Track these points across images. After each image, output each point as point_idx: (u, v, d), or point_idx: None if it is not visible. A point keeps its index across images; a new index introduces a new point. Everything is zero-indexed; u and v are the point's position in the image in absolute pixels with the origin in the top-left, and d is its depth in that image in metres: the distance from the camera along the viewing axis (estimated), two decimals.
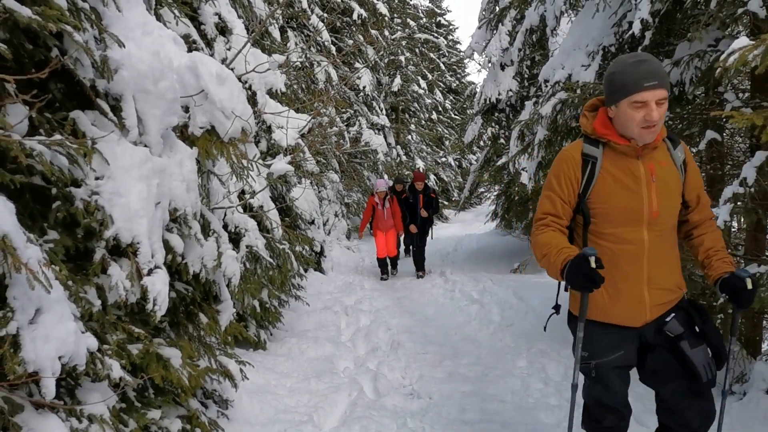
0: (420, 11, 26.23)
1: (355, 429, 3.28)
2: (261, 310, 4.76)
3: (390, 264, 9.43)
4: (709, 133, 3.85)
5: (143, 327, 2.40)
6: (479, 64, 23.22)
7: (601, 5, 4.59)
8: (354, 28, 13.99)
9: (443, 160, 24.48)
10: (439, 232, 11.22)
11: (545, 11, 7.00)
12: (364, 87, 13.53)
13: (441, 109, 25.85)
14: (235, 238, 4.17)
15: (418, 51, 22.74)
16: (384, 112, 16.26)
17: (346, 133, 12.61)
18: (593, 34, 4.91)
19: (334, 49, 12.58)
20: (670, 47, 4.33)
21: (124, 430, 2.23)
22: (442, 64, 27.07)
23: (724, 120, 3.86)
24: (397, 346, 5.14)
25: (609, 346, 2.12)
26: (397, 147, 18.68)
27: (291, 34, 11.08)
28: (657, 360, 2.11)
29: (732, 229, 4.17)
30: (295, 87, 8.56)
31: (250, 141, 2.98)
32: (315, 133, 9.10)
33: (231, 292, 3.21)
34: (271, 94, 5.59)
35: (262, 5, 6.32)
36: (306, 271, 7.23)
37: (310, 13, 11.67)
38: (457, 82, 31.34)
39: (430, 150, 23.02)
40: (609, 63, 4.77)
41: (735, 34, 3.78)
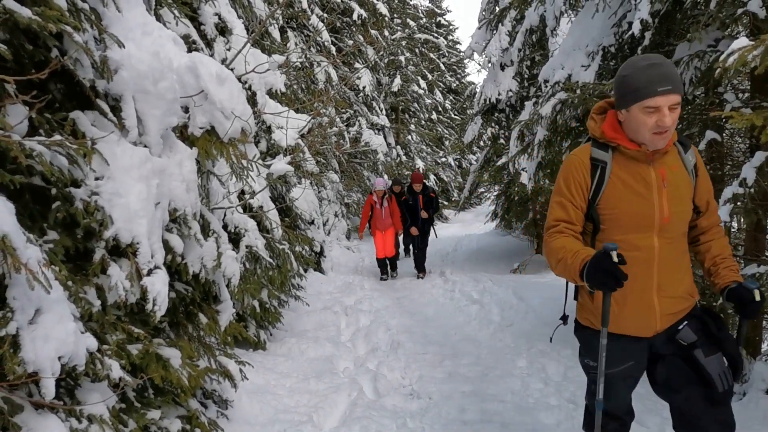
0: (420, 11, 26.26)
1: (355, 429, 3.28)
2: (261, 310, 4.76)
3: (389, 265, 9.36)
4: (709, 134, 3.85)
5: (143, 327, 2.40)
6: (479, 65, 23.25)
7: (600, 5, 4.59)
8: (354, 29, 13.99)
9: (443, 160, 24.50)
10: (440, 232, 11.22)
11: (545, 11, 7.00)
12: (364, 87, 13.54)
13: (441, 109, 25.87)
14: (234, 239, 4.18)
15: (418, 51, 22.76)
16: (384, 113, 16.27)
17: (346, 133, 12.62)
18: (593, 34, 4.91)
19: (334, 49, 12.58)
20: (670, 47, 4.33)
21: (123, 430, 2.23)
22: (442, 65, 27.09)
23: (724, 120, 3.86)
24: (397, 346, 5.14)
25: (618, 357, 2.03)
26: (397, 147, 18.70)
27: (291, 34, 11.08)
28: (669, 370, 2.03)
29: (732, 229, 4.18)
30: (295, 87, 8.56)
31: (249, 141, 2.98)
32: (315, 133, 9.11)
33: (231, 293, 3.21)
34: (271, 95, 5.59)
35: (262, 5, 6.33)
36: (306, 271, 7.23)
37: (310, 14, 11.67)
38: (457, 83, 31.36)
39: (430, 150, 23.04)
40: (609, 63, 4.77)
41: (735, 34, 3.78)
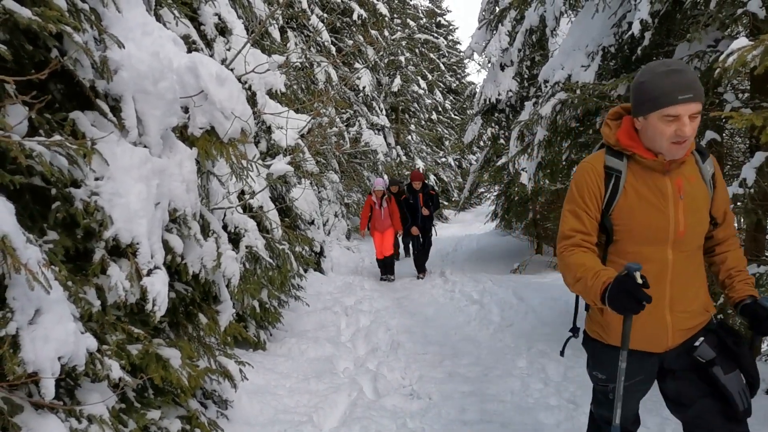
0: (420, 11, 26.29)
1: (355, 429, 3.28)
2: (261, 311, 4.76)
3: (386, 267, 9.20)
4: (709, 134, 3.85)
5: (143, 327, 2.40)
6: (479, 65, 23.27)
7: (600, 6, 4.59)
8: (354, 29, 13.99)
9: (443, 160, 24.53)
10: (440, 232, 11.22)
11: (545, 12, 7.01)
12: (364, 87, 13.54)
13: (441, 109, 25.89)
14: (234, 239, 4.18)
15: (418, 51, 22.77)
16: (384, 113, 16.27)
17: (345, 133, 12.62)
18: (593, 34, 4.91)
19: (334, 49, 12.58)
20: (670, 48, 4.33)
21: (123, 430, 2.23)
22: (442, 65, 27.11)
23: (724, 120, 3.86)
24: (397, 346, 5.14)
25: (628, 371, 1.93)
26: (397, 147, 18.71)
27: (291, 34, 11.09)
28: (680, 385, 1.95)
29: None
30: (294, 87, 8.57)
31: (249, 141, 2.99)
32: (315, 134, 9.10)
33: (230, 293, 3.21)
34: (271, 95, 5.60)
35: (262, 5, 6.33)
36: (306, 271, 7.23)
37: (310, 14, 11.68)
38: (457, 83, 31.38)
39: (430, 150, 23.06)
40: (608, 63, 4.77)
41: (734, 34, 3.78)
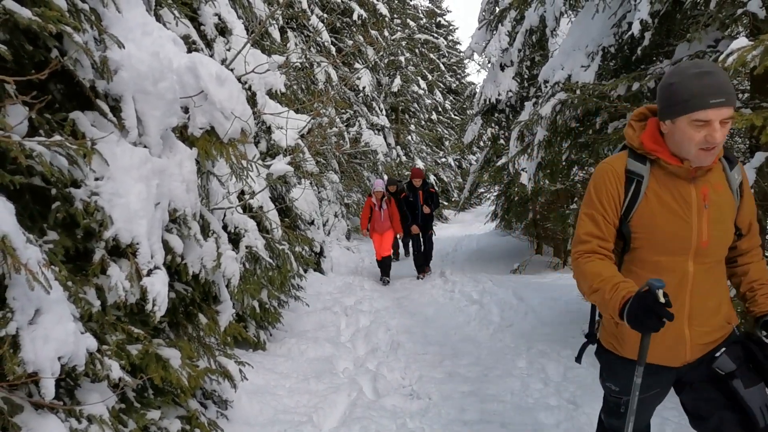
0: (420, 12, 26.29)
1: (355, 429, 3.28)
2: (260, 311, 4.76)
3: (384, 269, 9.11)
4: None
5: (143, 327, 2.40)
6: (479, 65, 23.29)
7: (600, 6, 4.59)
8: (354, 29, 13.99)
9: (443, 160, 24.53)
10: (440, 232, 11.22)
11: (545, 12, 7.01)
12: (364, 87, 13.54)
13: (441, 109, 25.90)
14: (234, 239, 4.18)
15: (417, 51, 22.77)
16: (384, 113, 16.27)
17: (345, 133, 12.61)
18: (593, 34, 4.92)
19: (333, 49, 12.58)
20: (670, 48, 4.33)
21: (123, 430, 2.23)
22: (441, 65, 27.11)
23: None
24: (397, 346, 5.14)
25: (643, 384, 1.84)
26: (397, 147, 18.71)
27: (291, 34, 11.09)
28: (696, 397, 1.88)
29: None
30: (294, 87, 8.57)
31: (249, 141, 2.99)
32: (315, 134, 9.10)
33: (230, 293, 3.21)
34: (271, 95, 5.60)
35: (262, 6, 6.33)
36: (306, 271, 7.23)
37: (310, 14, 11.67)
38: (457, 83, 31.39)
39: (430, 150, 23.07)
40: (608, 64, 4.77)
41: (734, 34, 3.79)
